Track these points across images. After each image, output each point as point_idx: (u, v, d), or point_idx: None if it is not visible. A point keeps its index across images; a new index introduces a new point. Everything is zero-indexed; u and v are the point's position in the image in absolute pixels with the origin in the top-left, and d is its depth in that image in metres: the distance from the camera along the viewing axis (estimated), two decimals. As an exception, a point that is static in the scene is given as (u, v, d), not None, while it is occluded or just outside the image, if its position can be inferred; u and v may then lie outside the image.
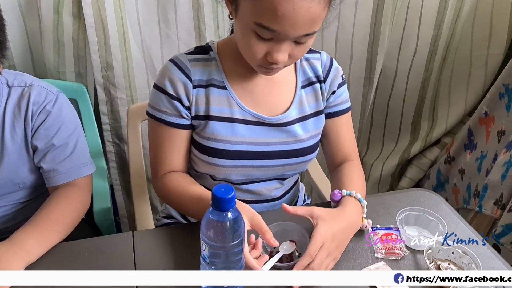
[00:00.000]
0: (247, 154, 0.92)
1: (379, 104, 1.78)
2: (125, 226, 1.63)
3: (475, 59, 1.62)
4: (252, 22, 0.76)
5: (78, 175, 0.97)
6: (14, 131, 0.92)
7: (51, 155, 0.95)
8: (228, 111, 0.91)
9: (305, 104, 0.96)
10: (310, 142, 0.97)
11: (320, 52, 1.00)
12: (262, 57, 0.81)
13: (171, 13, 1.40)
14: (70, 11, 1.28)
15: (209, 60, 0.92)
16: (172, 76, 0.90)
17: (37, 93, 0.93)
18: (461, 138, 1.61)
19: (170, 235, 0.90)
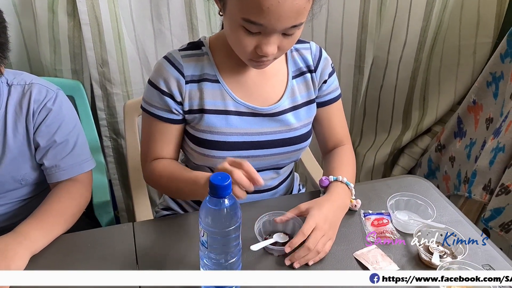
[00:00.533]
0: (242, 145, 0.95)
1: (372, 95, 1.81)
2: (124, 219, 1.66)
3: (464, 48, 1.66)
4: (239, 18, 0.78)
5: (80, 171, 1.00)
6: (16, 129, 0.94)
7: (52, 152, 0.97)
8: (221, 104, 0.94)
9: (296, 93, 0.99)
10: (302, 130, 1.00)
11: (309, 42, 1.03)
12: (252, 51, 0.83)
13: (163, 8, 1.42)
14: (64, 9, 1.29)
15: (202, 55, 0.95)
16: (165, 73, 0.92)
17: (38, 91, 0.95)
18: (451, 126, 1.64)
19: (169, 225, 0.93)
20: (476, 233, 0.92)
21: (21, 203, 1.04)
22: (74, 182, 0.99)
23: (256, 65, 0.89)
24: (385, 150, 1.85)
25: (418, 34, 1.60)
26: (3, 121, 0.93)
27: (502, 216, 1.29)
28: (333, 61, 1.64)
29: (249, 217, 0.86)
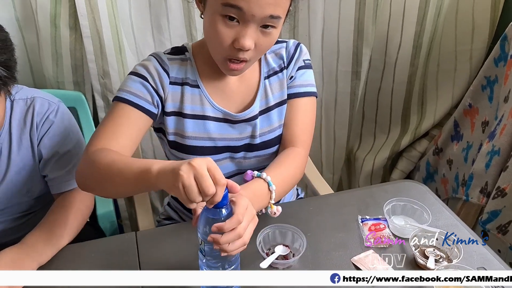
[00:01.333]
0: (218, 149, 0.97)
1: (369, 98, 1.84)
2: (127, 227, 1.68)
3: (460, 54, 1.68)
4: (219, 5, 0.79)
5: None
6: (20, 143, 0.97)
7: (56, 163, 0.99)
8: (200, 109, 0.95)
9: (269, 94, 0.99)
10: (272, 134, 0.99)
11: (287, 41, 1.02)
12: (229, 45, 0.83)
13: (163, 20, 1.44)
14: (67, 23, 1.32)
15: (185, 60, 0.96)
16: (152, 67, 0.92)
17: (40, 105, 0.97)
18: (447, 129, 1.67)
19: (172, 234, 0.95)
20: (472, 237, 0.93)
21: (27, 217, 1.06)
22: (77, 192, 1.00)
23: (230, 69, 0.87)
24: (384, 154, 1.87)
25: (413, 38, 1.63)
26: (8, 135, 0.96)
27: (499, 218, 1.31)
28: (330, 68, 1.70)
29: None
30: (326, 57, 1.68)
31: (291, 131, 0.99)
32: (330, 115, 1.82)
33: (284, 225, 0.89)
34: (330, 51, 1.66)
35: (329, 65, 1.70)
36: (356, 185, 1.99)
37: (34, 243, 0.85)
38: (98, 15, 1.31)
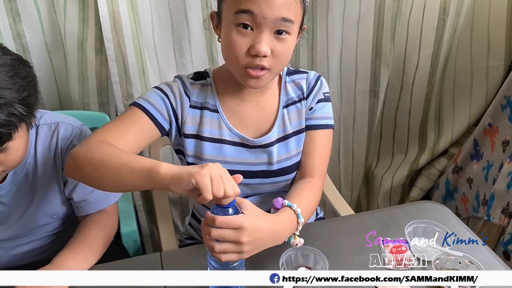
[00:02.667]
0: (233, 173, 0.96)
1: (387, 117, 1.84)
2: (148, 244, 1.70)
3: (476, 71, 1.68)
4: (232, 15, 0.83)
5: (107, 203, 1.05)
6: (45, 167, 1.00)
7: (80, 187, 1.01)
8: (217, 133, 0.98)
9: (287, 123, 1.01)
10: (289, 162, 1.01)
11: (308, 72, 1.05)
12: (246, 53, 0.85)
13: (185, 42, 1.49)
14: (93, 47, 1.37)
15: (206, 85, 1.00)
16: (176, 88, 0.96)
17: (64, 129, 1.00)
18: (467, 148, 1.66)
19: (196, 255, 0.95)
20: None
21: (53, 237, 1.09)
22: (102, 213, 1.04)
23: (250, 78, 0.88)
24: (402, 172, 1.87)
25: (430, 58, 1.64)
26: (34, 161, 0.99)
27: (521, 239, 1.29)
28: (348, 87, 1.72)
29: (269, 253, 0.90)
30: (344, 77, 1.70)
31: (310, 162, 1.02)
32: (348, 133, 1.84)
33: (306, 247, 0.90)
34: (349, 70, 1.68)
35: (347, 84, 1.72)
36: (374, 203, 1.99)
37: (64, 263, 0.88)
38: (122, 38, 1.36)
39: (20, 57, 0.87)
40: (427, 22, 1.58)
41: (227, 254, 0.75)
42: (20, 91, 0.81)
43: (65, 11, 1.32)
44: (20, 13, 1.31)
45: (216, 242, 0.74)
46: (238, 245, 0.74)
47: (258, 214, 0.80)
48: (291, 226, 0.87)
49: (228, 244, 0.74)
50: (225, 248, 0.74)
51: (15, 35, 1.33)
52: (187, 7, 1.43)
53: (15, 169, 0.97)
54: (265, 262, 0.91)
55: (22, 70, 0.83)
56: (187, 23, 1.45)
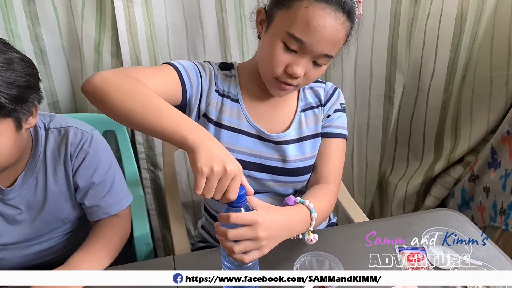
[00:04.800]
0: (246, 164, 0.99)
1: (402, 123, 1.83)
2: (160, 248, 1.70)
3: (496, 79, 1.66)
4: (284, 32, 0.86)
5: (119, 208, 1.05)
6: (55, 173, 0.99)
7: (92, 193, 1.01)
8: (236, 122, 1.00)
9: (304, 126, 1.04)
10: (299, 164, 1.02)
11: (326, 83, 1.09)
12: (282, 69, 0.89)
13: (200, 47, 1.49)
14: (109, 50, 1.38)
15: (230, 76, 1.03)
16: (208, 70, 0.99)
17: (74, 134, 0.98)
18: (484, 156, 1.63)
19: (208, 258, 0.95)
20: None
21: (65, 237, 1.09)
22: (115, 217, 1.04)
23: (278, 89, 0.94)
24: (417, 180, 1.84)
25: (447, 65, 1.63)
26: (43, 166, 0.98)
27: (540, 249, 1.26)
28: (362, 93, 1.71)
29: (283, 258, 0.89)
30: (359, 81, 1.69)
31: (326, 168, 1.03)
32: (362, 138, 1.82)
33: (321, 253, 0.88)
34: (363, 75, 1.67)
35: (362, 89, 1.71)
36: (388, 211, 1.96)
37: (79, 264, 0.88)
38: (137, 42, 1.37)
39: (24, 56, 0.85)
40: (444, 29, 1.57)
41: (248, 254, 0.75)
42: (10, 84, 0.79)
43: (83, 15, 1.33)
44: (38, 16, 1.33)
45: (234, 243, 0.74)
46: (257, 241, 0.74)
47: (270, 208, 0.80)
48: (304, 220, 0.88)
49: (247, 242, 0.74)
50: (245, 247, 0.74)
51: (33, 37, 1.35)
52: (202, 11, 1.43)
53: (25, 173, 0.96)
54: (279, 267, 0.90)
55: (19, 67, 0.82)
56: (202, 27, 1.46)
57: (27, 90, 0.84)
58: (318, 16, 0.83)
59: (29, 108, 0.86)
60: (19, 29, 1.32)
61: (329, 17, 0.83)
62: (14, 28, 1.31)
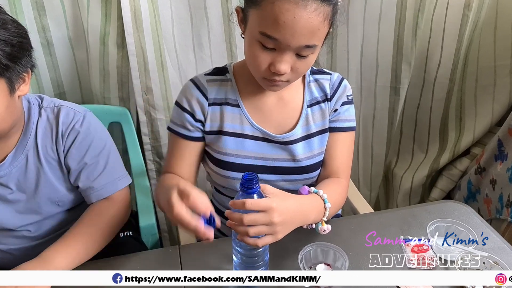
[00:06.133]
0: (254, 168, 0.99)
1: (408, 115, 1.81)
2: (166, 240, 1.71)
3: (499, 69, 1.64)
4: (257, 32, 0.83)
5: (114, 189, 1.02)
6: (47, 152, 0.97)
7: (84, 174, 0.99)
8: (239, 127, 0.99)
9: (311, 122, 1.02)
10: (309, 161, 1.01)
11: (332, 74, 1.05)
12: (266, 68, 0.86)
13: (205, 38, 1.49)
14: (114, 41, 1.38)
15: (226, 80, 1.01)
16: (189, 93, 0.99)
17: (65, 114, 0.97)
18: (491, 148, 1.62)
19: (214, 248, 0.96)
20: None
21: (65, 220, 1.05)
22: (107, 201, 1.01)
23: (270, 86, 0.92)
24: (422, 172, 1.83)
25: (453, 55, 1.61)
26: (35, 143, 0.96)
27: (547, 242, 1.25)
28: (368, 84, 1.70)
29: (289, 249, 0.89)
30: (364, 72, 1.68)
31: (336, 163, 1.04)
32: (368, 130, 1.81)
33: (326, 243, 0.89)
34: (369, 66, 1.66)
35: (367, 80, 1.70)
36: (394, 203, 1.96)
37: (52, 258, 0.86)
38: (142, 33, 1.37)
39: (17, 21, 0.84)
40: (450, 19, 1.55)
41: (262, 239, 0.76)
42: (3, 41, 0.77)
43: (88, 6, 1.34)
44: (45, 7, 1.33)
45: (249, 227, 0.74)
46: (271, 226, 0.75)
47: (284, 195, 0.81)
48: (318, 209, 0.88)
49: (262, 227, 0.74)
50: (259, 230, 0.74)
51: (40, 28, 1.35)
52: (207, 2, 1.43)
53: (16, 150, 0.94)
54: (284, 258, 0.91)
55: (12, 27, 0.81)
56: (207, 17, 1.45)
57: (21, 50, 0.82)
58: (286, 10, 0.78)
59: (22, 71, 0.84)
60: (25, 20, 1.32)
61: (298, 8, 0.78)
62: (21, 19, 1.31)
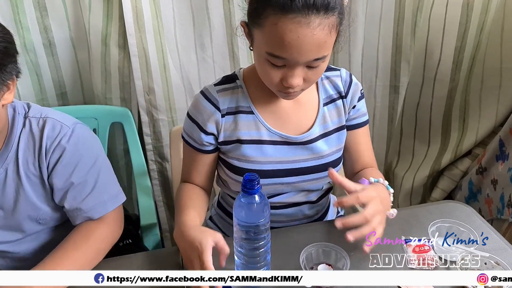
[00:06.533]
0: (276, 172, 0.98)
1: (408, 113, 1.82)
2: (167, 240, 1.72)
3: (505, 71, 1.64)
4: (264, 52, 0.82)
5: (104, 211, 0.94)
6: (27, 167, 0.89)
7: (71, 194, 0.91)
8: (256, 134, 0.98)
9: (328, 120, 1.02)
10: (333, 156, 1.02)
11: (340, 69, 1.05)
12: (278, 82, 0.86)
13: (206, 39, 1.49)
14: (116, 42, 1.39)
15: (236, 87, 0.99)
16: (202, 107, 0.97)
17: (51, 127, 0.89)
18: (492, 149, 1.62)
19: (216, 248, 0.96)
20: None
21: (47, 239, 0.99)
22: (97, 223, 0.93)
23: (285, 96, 0.91)
24: (424, 172, 1.83)
25: (453, 54, 1.61)
26: (15, 156, 0.89)
27: (548, 242, 1.25)
28: (370, 84, 1.70)
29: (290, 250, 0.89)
30: (365, 73, 1.69)
31: (364, 158, 1.09)
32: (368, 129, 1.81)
33: (327, 243, 0.89)
34: (370, 66, 1.67)
35: (368, 80, 1.70)
36: (395, 203, 1.96)
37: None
38: (144, 34, 1.37)
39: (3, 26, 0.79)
40: (450, 17, 1.55)
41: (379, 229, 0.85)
42: None
43: (90, 6, 1.34)
44: (47, 8, 1.34)
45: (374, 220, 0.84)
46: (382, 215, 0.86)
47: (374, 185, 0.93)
48: (387, 195, 0.95)
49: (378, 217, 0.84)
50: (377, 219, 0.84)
51: (42, 29, 1.36)
52: (209, 3, 1.43)
53: None
54: (286, 258, 0.91)
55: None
56: (209, 18, 1.46)
57: (5, 56, 0.77)
58: (289, 30, 0.76)
59: (6, 79, 0.78)
60: (28, 21, 1.33)
61: (301, 27, 0.76)
62: (23, 19, 1.32)
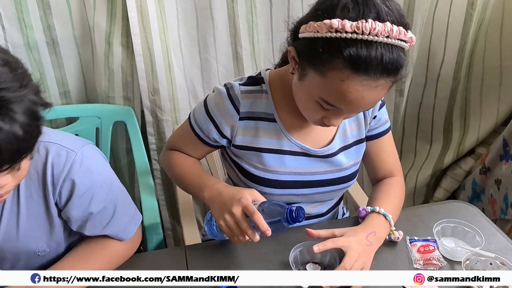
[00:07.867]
0: (294, 184, 0.98)
1: (410, 113, 1.82)
2: (169, 239, 1.71)
3: (506, 69, 1.63)
4: (317, 95, 0.79)
5: (127, 236, 0.91)
6: (30, 196, 0.81)
7: (91, 223, 0.86)
8: (276, 143, 0.96)
9: (348, 133, 1.01)
10: (351, 169, 1.02)
11: None
12: (319, 119, 0.86)
13: (210, 39, 1.48)
14: (119, 41, 1.38)
15: (261, 92, 0.95)
16: (223, 108, 0.94)
17: (56, 154, 0.79)
18: (496, 148, 1.62)
19: (219, 249, 0.96)
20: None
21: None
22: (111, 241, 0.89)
23: (320, 126, 0.90)
24: (426, 172, 1.83)
25: (456, 54, 1.60)
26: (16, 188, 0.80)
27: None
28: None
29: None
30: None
31: (386, 165, 1.08)
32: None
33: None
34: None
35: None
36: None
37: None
38: (150, 34, 1.37)
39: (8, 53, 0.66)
40: (454, 17, 1.55)
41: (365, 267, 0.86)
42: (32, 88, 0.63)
43: (94, 5, 1.34)
44: (51, 6, 1.33)
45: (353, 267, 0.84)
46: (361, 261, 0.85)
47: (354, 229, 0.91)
48: (383, 224, 0.94)
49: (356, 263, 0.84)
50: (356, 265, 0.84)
51: (46, 27, 1.36)
52: (213, 3, 1.43)
53: None
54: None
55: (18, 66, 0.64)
56: (212, 18, 1.45)
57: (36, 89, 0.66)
58: (355, 90, 0.74)
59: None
60: (31, 19, 1.33)
61: (368, 89, 0.74)
62: (26, 18, 1.32)
